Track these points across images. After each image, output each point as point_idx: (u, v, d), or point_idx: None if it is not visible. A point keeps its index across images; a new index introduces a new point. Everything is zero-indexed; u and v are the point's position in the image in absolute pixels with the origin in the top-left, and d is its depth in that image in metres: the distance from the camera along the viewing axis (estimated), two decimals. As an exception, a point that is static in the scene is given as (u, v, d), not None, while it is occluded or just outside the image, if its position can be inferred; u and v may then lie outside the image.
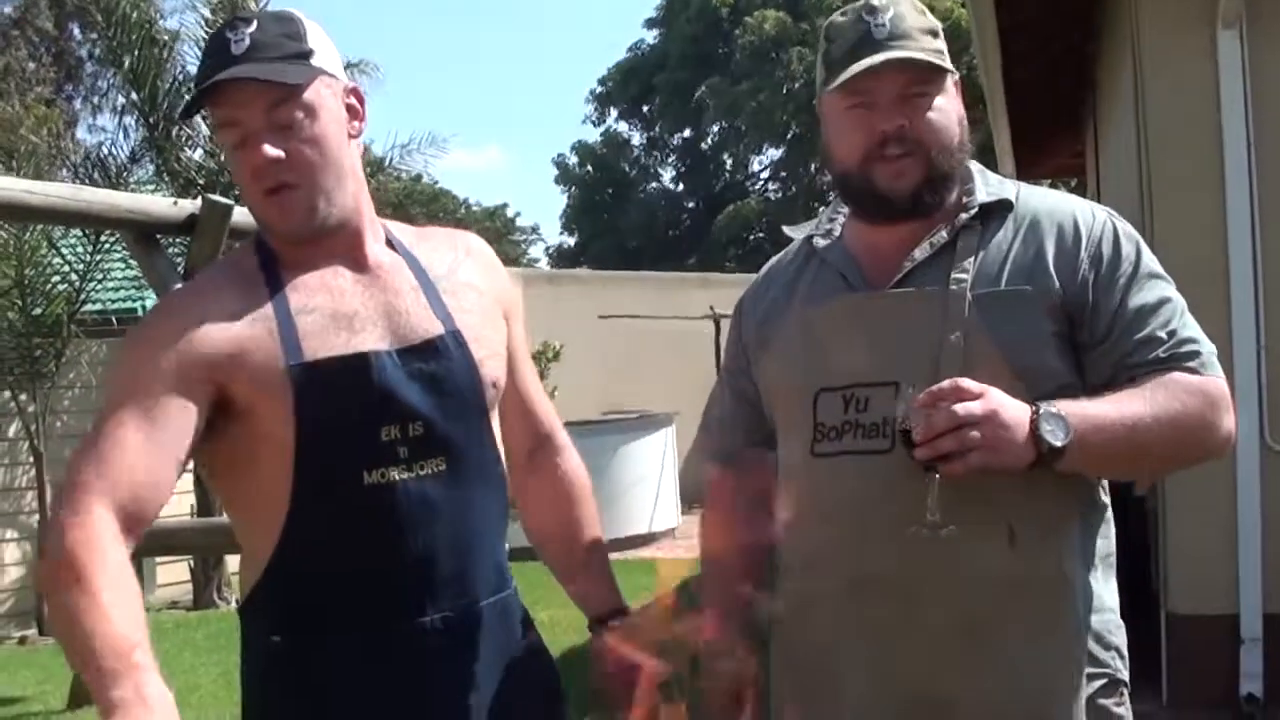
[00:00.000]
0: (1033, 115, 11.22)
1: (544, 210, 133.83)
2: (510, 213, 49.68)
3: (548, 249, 45.63)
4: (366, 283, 2.34)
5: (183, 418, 2.15)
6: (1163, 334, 2.26)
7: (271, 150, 2.21)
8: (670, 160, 39.05)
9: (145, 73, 13.68)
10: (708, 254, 32.99)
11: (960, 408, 2.08)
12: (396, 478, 2.24)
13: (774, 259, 2.71)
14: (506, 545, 2.47)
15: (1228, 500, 5.96)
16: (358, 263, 2.35)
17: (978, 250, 2.33)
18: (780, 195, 35.46)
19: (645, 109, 37.86)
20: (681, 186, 38.68)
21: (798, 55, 30.70)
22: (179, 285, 2.36)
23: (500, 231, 49.10)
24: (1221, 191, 6.02)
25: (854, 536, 2.30)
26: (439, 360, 2.31)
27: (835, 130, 2.40)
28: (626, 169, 38.47)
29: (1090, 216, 2.36)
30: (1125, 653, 2.38)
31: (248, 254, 2.37)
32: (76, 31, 26.06)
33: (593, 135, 38.83)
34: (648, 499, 14.31)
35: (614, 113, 38.49)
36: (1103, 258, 2.30)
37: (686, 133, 37.66)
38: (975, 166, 2.46)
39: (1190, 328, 2.29)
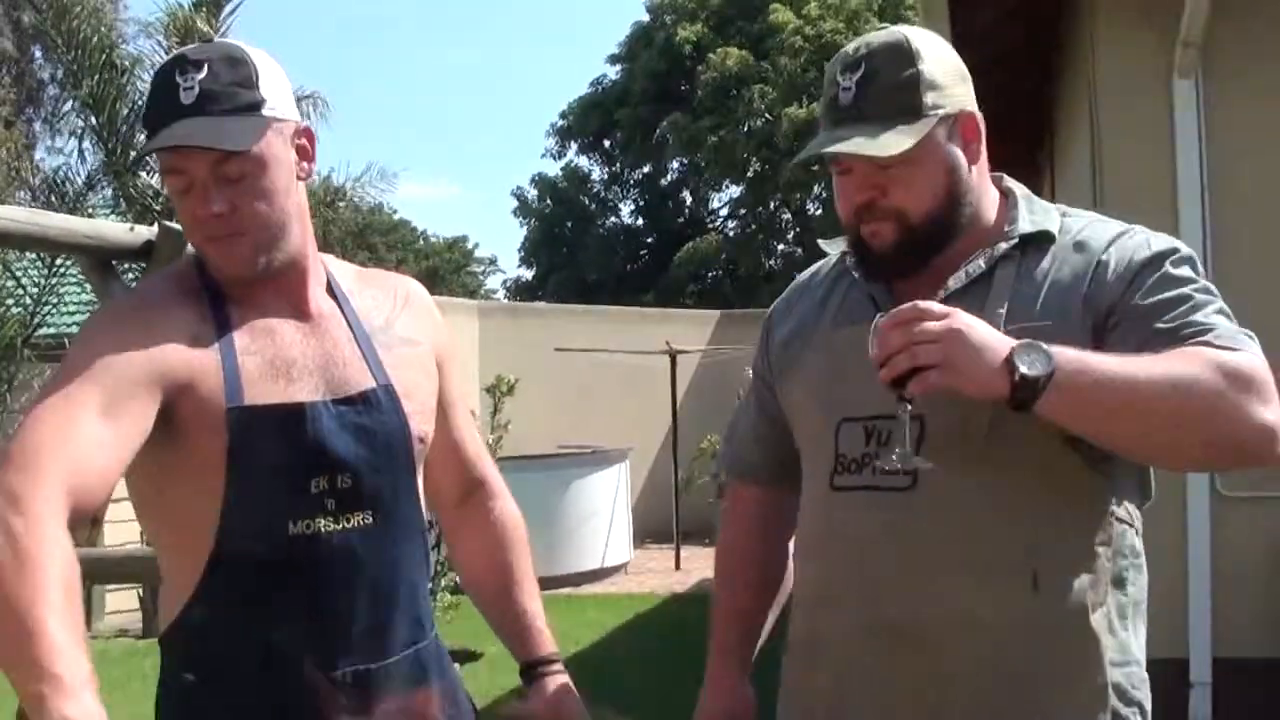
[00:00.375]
0: (990, 156, 11.27)
1: (501, 242, 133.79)
2: (469, 244, 49.74)
3: (505, 281, 45.63)
4: (307, 331, 2.32)
5: (139, 417, 2.10)
6: (1197, 317, 2.10)
7: (217, 206, 2.19)
8: (630, 195, 39.09)
9: (104, 97, 13.64)
10: (666, 289, 32.99)
11: (917, 327, 1.99)
12: (322, 529, 2.23)
13: (807, 271, 2.60)
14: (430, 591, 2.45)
15: (1179, 544, 5.99)
16: (300, 308, 2.34)
17: (1015, 283, 2.23)
18: (739, 232, 35.53)
19: (606, 143, 37.92)
20: (641, 221, 38.71)
21: (759, 93, 30.79)
22: (127, 293, 2.29)
23: (459, 263, 49.12)
24: (1175, 238, 6.07)
25: (869, 578, 2.22)
26: (371, 413, 2.30)
27: (835, 187, 2.33)
28: (586, 203, 38.47)
29: (1129, 239, 2.25)
30: (1148, 709, 2.26)
31: (189, 275, 2.32)
32: (38, 54, 25.94)
33: (553, 169, 38.90)
34: (601, 534, 14.29)
35: (574, 146, 38.54)
36: (1132, 271, 2.18)
37: (647, 168, 37.73)
38: (1022, 192, 2.39)
39: (1223, 315, 2.13)
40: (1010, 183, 2.40)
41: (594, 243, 36.93)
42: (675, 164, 36.75)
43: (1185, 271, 2.20)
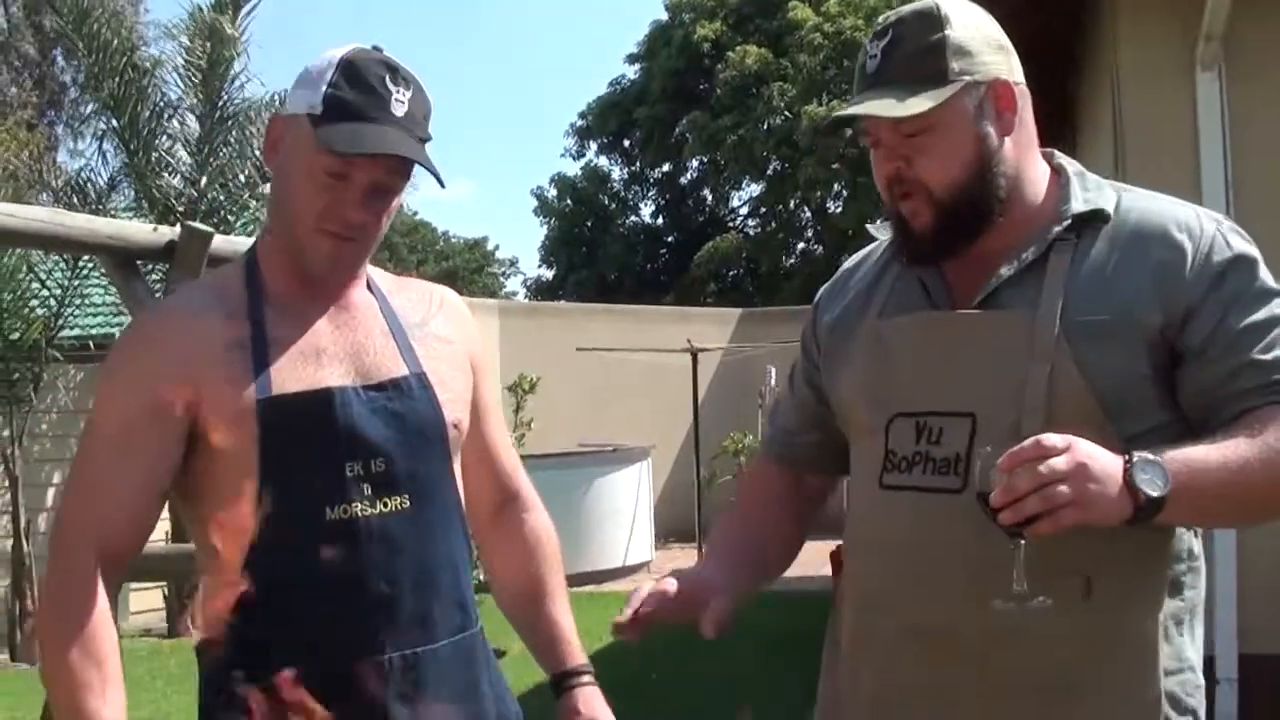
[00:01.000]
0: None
1: (520, 243, 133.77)
2: (490, 245, 49.76)
3: (525, 281, 45.63)
4: (340, 320, 2.36)
5: (160, 450, 2.22)
6: (1268, 359, 2.05)
7: (365, 214, 2.28)
8: (650, 195, 39.03)
9: (126, 99, 13.66)
10: (686, 289, 32.94)
11: (1044, 466, 1.86)
12: (360, 513, 2.25)
13: (855, 256, 2.53)
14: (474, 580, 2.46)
15: (1203, 540, 5.95)
16: (336, 300, 2.37)
17: (1071, 270, 2.14)
18: (759, 231, 35.44)
19: (625, 143, 37.86)
20: (661, 221, 38.64)
21: (779, 91, 30.71)
22: (156, 301, 2.36)
23: (480, 264, 49.16)
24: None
25: (917, 582, 2.15)
26: (402, 399, 2.32)
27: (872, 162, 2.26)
28: (606, 202, 38.40)
29: (1199, 228, 2.15)
30: (1202, 714, 2.21)
31: (235, 277, 2.38)
32: (59, 57, 26.04)
33: (572, 168, 38.85)
34: (623, 532, 14.29)
35: (594, 146, 38.48)
36: (1209, 275, 2.10)
37: (666, 167, 37.65)
38: (1074, 168, 2.29)
39: None
40: (1062, 159, 2.32)
41: (614, 242, 36.88)
42: (695, 163, 36.65)
43: (1266, 281, 2.15)
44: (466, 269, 46.53)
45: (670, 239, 38.04)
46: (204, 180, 13.74)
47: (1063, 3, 7.63)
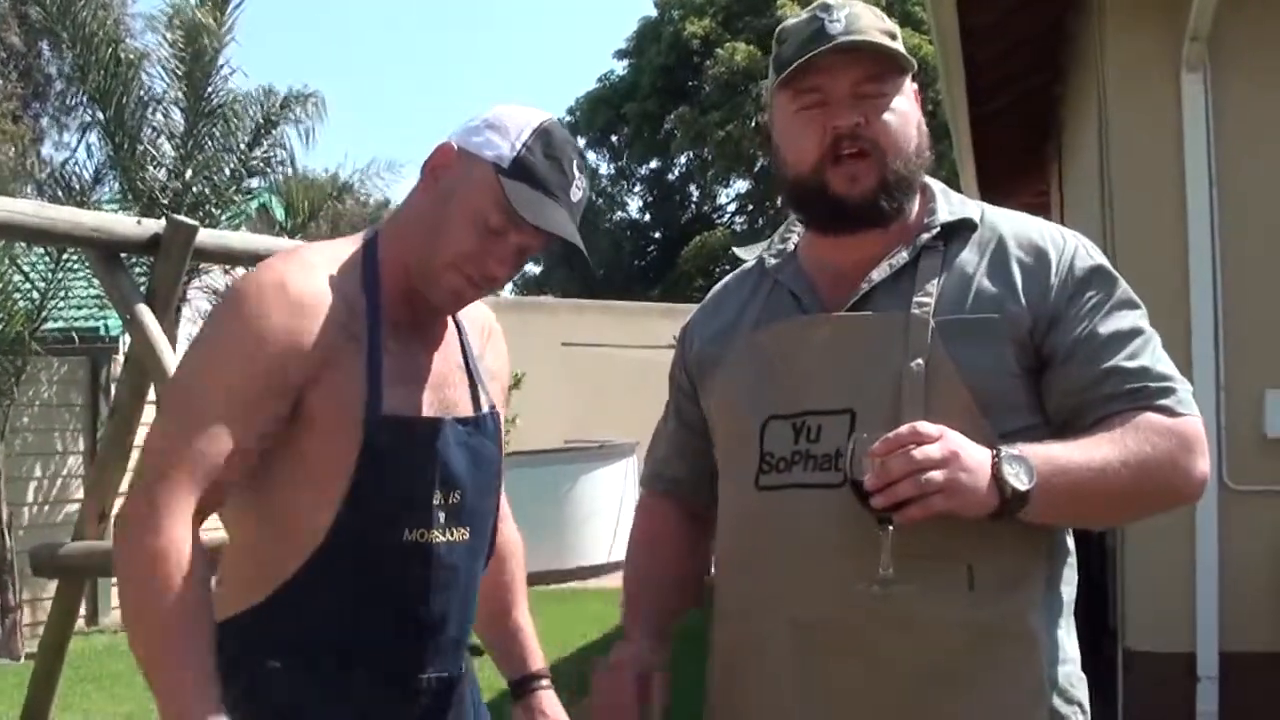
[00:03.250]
0: (998, 153, 11.28)
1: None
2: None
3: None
4: (435, 347, 2.42)
5: (271, 420, 2.21)
6: (1132, 366, 2.12)
7: (504, 271, 2.33)
8: (637, 190, 39.07)
9: (111, 91, 13.61)
10: (673, 284, 32.94)
11: (918, 451, 1.92)
12: (434, 539, 2.32)
13: (724, 281, 2.55)
14: None
15: (1186, 538, 5.99)
16: (436, 326, 2.45)
17: (941, 273, 2.19)
18: (747, 227, 35.44)
19: (613, 139, 37.88)
20: (648, 217, 38.68)
21: (767, 87, 30.71)
22: (288, 255, 2.37)
23: (466, 258, 49.05)
24: (1184, 234, 6.07)
25: (801, 578, 2.15)
26: (479, 436, 2.41)
27: (787, 133, 2.27)
28: (594, 198, 38.40)
29: (1060, 239, 2.23)
30: (1087, 706, 2.23)
31: (354, 269, 2.35)
32: (45, 49, 25.95)
33: (560, 163, 38.82)
34: (607, 528, 14.29)
35: (582, 142, 38.51)
36: (1073, 281, 2.17)
37: (654, 163, 37.69)
38: (938, 185, 2.34)
39: (1163, 362, 2.16)
40: (925, 177, 2.34)
41: (601, 238, 36.89)
42: (683, 159, 36.71)
43: (1127, 292, 2.22)
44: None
45: (658, 234, 38.07)
46: (189, 173, 13.71)
47: (1049, 7, 7.65)
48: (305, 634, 2.26)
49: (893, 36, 2.22)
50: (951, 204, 2.30)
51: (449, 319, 2.48)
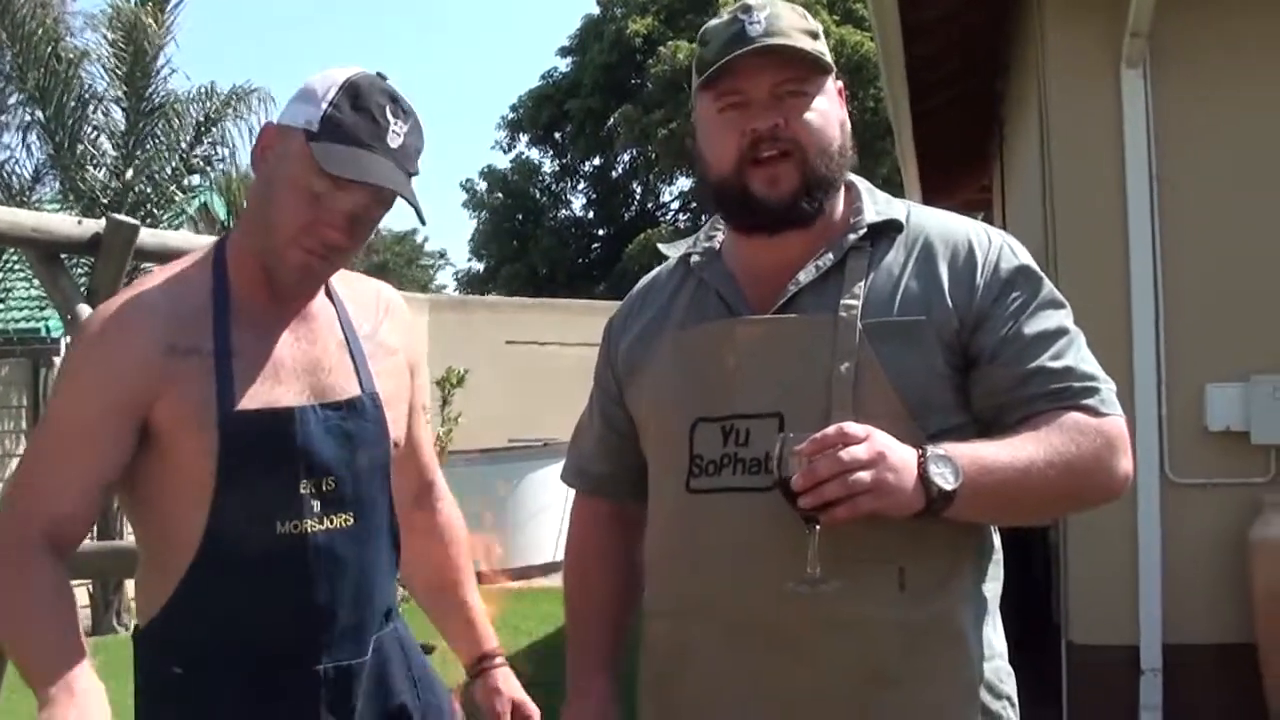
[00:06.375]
0: (941, 149, 11.33)
1: (448, 235, 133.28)
2: (419, 238, 49.53)
3: (457, 274, 45.47)
4: (300, 332, 2.39)
5: (111, 446, 2.26)
6: (1056, 366, 2.14)
7: (342, 237, 2.30)
8: (581, 188, 39.07)
9: (51, 90, 13.50)
10: (618, 282, 32.94)
11: (845, 452, 1.93)
12: (309, 529, 2.31)
13: (646, 278, 2.54)
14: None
15: (1128, 532, 6.02)
16: (299, 309, 2.41)
17: (868, 274, 2.20)
18: (690, 225, 35.47)
19: (557, 136, 37.86)
20: (592, 214, 38.69)
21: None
22: (120, 294, 2.40)
23: (410, 256, 48.93)
24: (1124, 228, 6.11)
25: (733, 581, 2.15)
26: (355, 419, 2.38)
27: (708, 134, 2.27)
28: (537, 195, 38.40)
29: (985, 239, 2.24)
30: (1016, 700, 2.26)
31: (200, 276, 2.38)
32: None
33: (503, 161, 38.78)
34: (552, 527, 14.24)
35: (525, 139, 38.43)
36: (999, 282, 2.18)
37: (597, 160, 37.70)
38: (864, 185, 2.34)
39: (1088, 362, 2.18)
40: (851, 176, 2.35)
41: (545, 235, 36.88)
42: (626, 156, 36.73)
43: (1053, 292, 2.23)
44: (397, 263, 46.30)
45: (601, 232, 38.08)
46: (129, 173, 13.61)
47: (990, 5, 7.69)
48: (200, 637, 2.30)
49: (815, 36, 2.23)
50: (878, 203, 2.30)
51: (326, 301, 2.46)
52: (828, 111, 2.22)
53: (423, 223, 2.41)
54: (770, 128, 2.17)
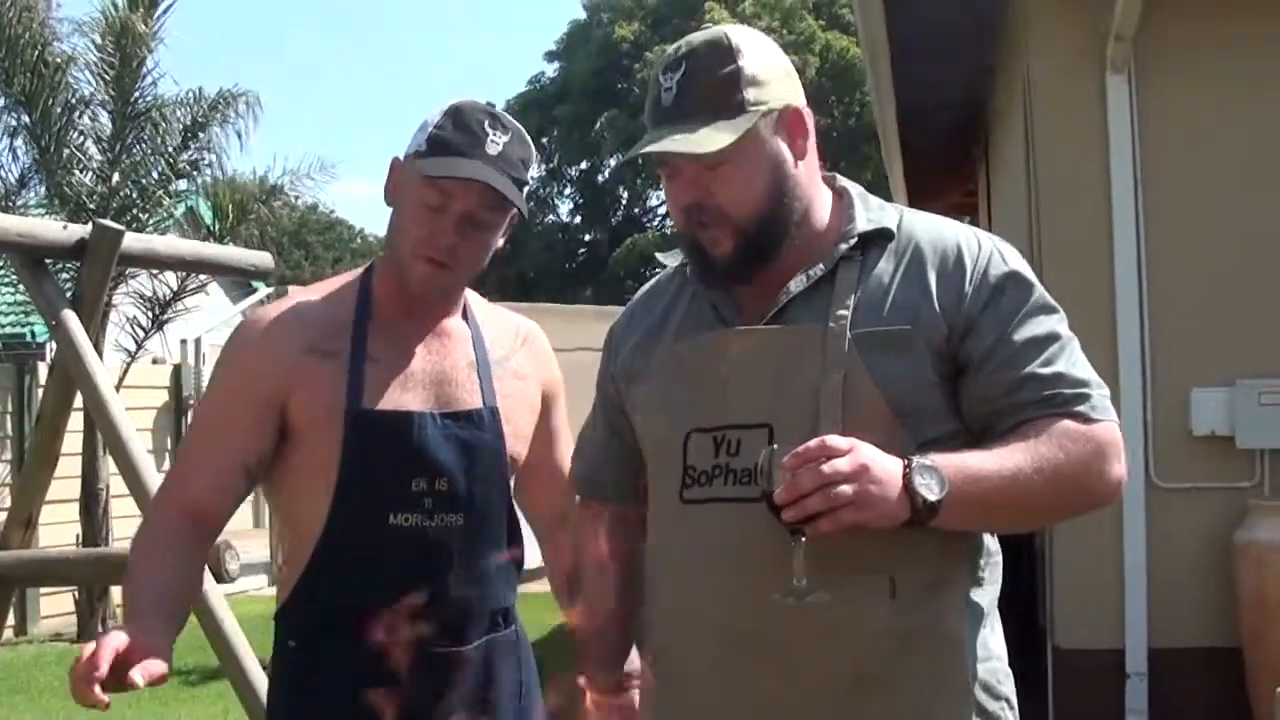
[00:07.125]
0: (926, 153, 11.35)
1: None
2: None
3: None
4: (433, 346, 2.65)
5: (249, 433, 2.56)
6: (1047, 372, 2.13)
7: (456, 238, 2.52)
8: (568, 193, 39.11)
9: (37, 94, 13.45)
10: (605, 286, 32.99)
11: (827, 466, 1.93)
12: (419, 524, 2.56)
13: (648, 285, 2.55)
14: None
15: (1114, 536, 6.04)
16: (434, 327, 2.66)
17: (858, 284, 2.19)
18: (677, 230, 35.57)
19: (544, 141, 37.90)
20: (579, 219, 38.73)
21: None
22: (282, 302, 2.72)
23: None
24: (1110, 233, 6.13)
25: (726, 591, 2.17)
26: (472, 429, 2.62)
27: (665, 190, 2.28)
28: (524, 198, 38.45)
29: (975, 245, 2.22)
30: (1014, 702, 2.25)
31: (351, 291, 2.67)
32: (-33, 52, 25.64)
33: (491, 166, 38.77)
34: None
35: (512, 143, 38.40)
36: (988, 288, 2.17)
37: (584, 165, 37.74)
38: (856, 191, 2.33)
39: (1080, 367, 2.16)
40: (844, 181, 2.35)
41: (532, 240, 36.90)
42: (612, 161, 36.76)
43: (1044, 297, 2.22)
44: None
45: (588, 236, 38.11)
46: (116, 177, 13.56)
47: (975, 6, 7.70)
48: (313, 619, 2.58)
49: (735, 84, 2.17)
50: (870, 211, 2.29)
51: (463, 324, 2.70)
52: (751, 172, 2.19)
53: (524, 217, 2.67)
54: (692, 202, 2.20)
